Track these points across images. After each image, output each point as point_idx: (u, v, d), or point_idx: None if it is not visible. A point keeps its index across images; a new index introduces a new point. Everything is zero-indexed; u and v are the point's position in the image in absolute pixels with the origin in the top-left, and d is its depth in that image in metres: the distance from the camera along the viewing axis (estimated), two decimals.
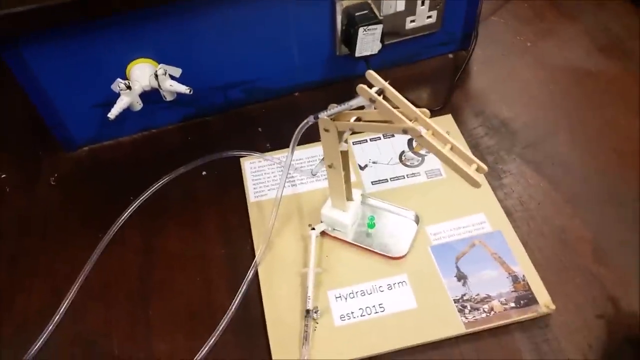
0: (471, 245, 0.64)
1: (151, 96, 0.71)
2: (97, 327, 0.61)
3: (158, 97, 0.71)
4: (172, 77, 0.70)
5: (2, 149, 0.80)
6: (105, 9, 0.63)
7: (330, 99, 0.54)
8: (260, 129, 0.78)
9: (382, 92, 0.51)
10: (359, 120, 0.54)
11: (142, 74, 0.69)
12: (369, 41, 0.74)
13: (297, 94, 0.82)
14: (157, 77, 0.68)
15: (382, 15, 0.74)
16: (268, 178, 0.72)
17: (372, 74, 0.51)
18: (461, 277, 0.61)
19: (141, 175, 0.73)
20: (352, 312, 0.60)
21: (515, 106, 0.78)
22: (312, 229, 0.64)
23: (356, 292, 0.61)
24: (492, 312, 0.58)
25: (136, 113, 0.72)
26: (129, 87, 0.68)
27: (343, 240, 0.65)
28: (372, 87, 0.51)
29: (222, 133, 0.78)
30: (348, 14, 0.73)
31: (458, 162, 0.50)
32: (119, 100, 0.69)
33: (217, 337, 0.59)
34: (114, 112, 0.69)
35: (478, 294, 0.60)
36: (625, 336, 0.57)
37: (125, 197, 0.71)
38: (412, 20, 0.78)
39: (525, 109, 0.78)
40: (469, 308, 0.59)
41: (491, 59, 0.85)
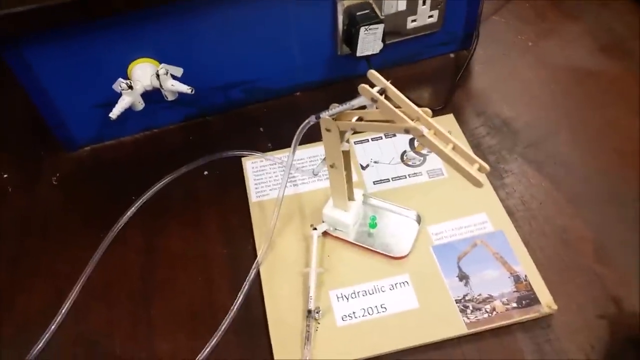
0: (473, 245, 0.64)
1: (153, 96, 0.71)
2: (99, 327, 0.62)
3: (159, 96, 0.71)
4: (174, 77, 0.70)
5: (3, 149, 0.80)
6: (105, 9, 0.63)
7: (332, 98, 0.54)
8: (261, 128, 0.78)
9: (383, 92, 0.51)
10: (361, 120, 0.54)
11: (144, 73, 0.69)
12: (370, 41, 0.73)
13: (298, 94, 0.82)
14: (158, 76, 0.68)
15: (383, 15, 0.74)
16: (269, 178, 0.72)
17: (373, 74, 0.51)
18: (463, 277, 0.61)
19: (143, 175, 0.73)
20: (353, 312, 0.59)
21: (517, 106, 0.78)
22: (314, 228, 0.64)
23: (358, 292, 0.61)
24: (494, 313, 0.58)
25: (138, 113, 0.72)
26: (131, 87, 0.68)
27: (345, 240, 0.65)
28: (373, 86, 0.51)
29: (224, 133, 0.78)
30: (349, 13, 0.73)
31: (460, 161, 0.50)
32: (120, 100, 0.69)
33: (219, 337, 0.59)
34: (115, 112, 0.68)
35: (480, 294, 0.60)
36: (627, 336, 0.57)
37: (127, 196, 0.71)
38: (414, 20, 0.78)
39: (527, 108, 0.78)
40: (471, 308, 0.59)
41: (492, 59, 0.85)
